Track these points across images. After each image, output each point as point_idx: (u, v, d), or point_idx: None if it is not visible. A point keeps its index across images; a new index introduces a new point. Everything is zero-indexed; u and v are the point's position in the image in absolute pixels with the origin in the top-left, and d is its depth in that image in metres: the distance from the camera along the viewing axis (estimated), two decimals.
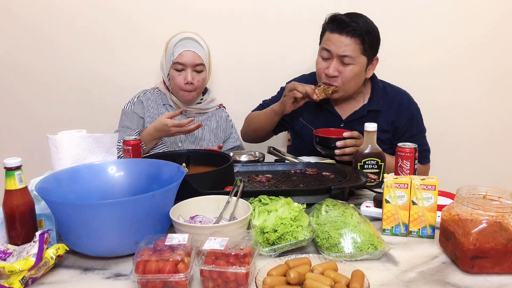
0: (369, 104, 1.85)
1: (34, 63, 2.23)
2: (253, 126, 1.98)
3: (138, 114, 1.95)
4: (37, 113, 2.29)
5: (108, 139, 1.37)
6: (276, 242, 1.09)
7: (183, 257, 0.94)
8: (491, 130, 2.34)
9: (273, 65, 2.26)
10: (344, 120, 1.87)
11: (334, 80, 1.76)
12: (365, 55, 1.74)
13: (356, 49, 1.71)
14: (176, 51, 1.88)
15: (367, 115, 1.83)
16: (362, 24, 1.71)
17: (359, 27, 1.70)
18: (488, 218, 1.02)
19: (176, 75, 1.90)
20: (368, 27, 1.72)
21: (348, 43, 1.71)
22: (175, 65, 1.89)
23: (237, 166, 1.66)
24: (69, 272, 1.06)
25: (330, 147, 1.64)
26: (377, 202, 1.32)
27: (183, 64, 1.88)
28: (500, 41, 2.25)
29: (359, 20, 1.71)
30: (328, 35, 1.75)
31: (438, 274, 1.03)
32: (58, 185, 1.17)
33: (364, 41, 1.71)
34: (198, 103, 2.02)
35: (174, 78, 1.91)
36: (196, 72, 1.91)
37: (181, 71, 1.89)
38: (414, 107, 1.89)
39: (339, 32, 1.71)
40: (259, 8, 2.21)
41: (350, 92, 1.81)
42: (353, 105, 1.88)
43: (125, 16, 2.19)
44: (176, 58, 1.87)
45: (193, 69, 1.90)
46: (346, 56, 1.71)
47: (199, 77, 1.92)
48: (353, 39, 1.70)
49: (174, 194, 1.18)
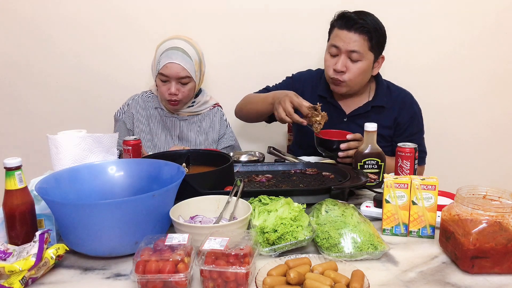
0: (373, 101, 1.88)
1: (34, 63, 2.23)
2: (249, 106, 1.95)
3: (126, 126, 1.93)
4: (37, 113, 2.28)
5: (108, 139, 1.37)
6: (276, 242, 1.09)
7: (183, 257, 0.94)
8: (491, 130, 2.34)
9: (271, 63, 2.25)
10: (348, 114, 1.89)
11: (341, 75, 1.78)
12: (372, 52, 1.77)
13: (364, 45, 1.74)
14: (162, 61, 1.82)
15: (371, 111, 1.86)
16: (370, 21, 1.74)
17: (367, 24, 1.73)
18: (488, 218, 1.02)
19: (161, 85, 1.86)
20: (375, 25, 1.75)
21: (356, 39, 1.73)
22: (160, 75, 1.84)
23: (237, 166, 1.66)
24: (69, 272, 1.06)
25: (332, 149, 1.64)
26: (377, 202, 1.32)
27: (167, 76, 1.82)
28: (500, 41, 2.25)
29: (367, 17, 1.75)
30: (337, 31, 1.77)
31: (438, 274, 1.03)
32: (58, 185, 1.17)
33: (371, 38, 1.74)
34: (189, 106, 1.98)
35: (159, 87, 1.87)
36: (181, 84, 1.85)
37: (166, 82, 1.85)
38: (416, 106, 1.93)
39: (348, 29, 1.74)
40: (258, 3, 2.20)
41: (356, 88, 1.84)
42: (357, 101, 1.90)
43: (125, 15, 2.19)
44: (161, 68, 1.82)
45: (178, 81, 1.84)
46: (354, 51, 1.74)
47: (184, 89, 1.86)
48: (361, 35, 1.73)
49: (174, 194, 1.18)
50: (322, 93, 1.92)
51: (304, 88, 1.96)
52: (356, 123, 1.84)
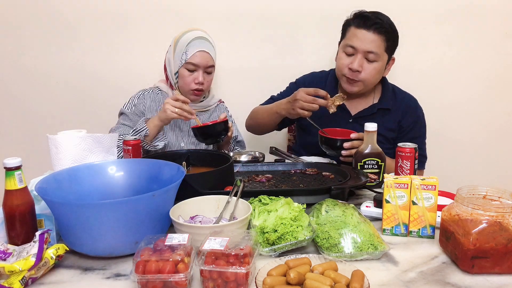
0: (379, 103, 1.88)
1: (34, 63, 2.23)
2: (257, 120, 1.99)
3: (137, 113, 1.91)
4: (37, 113, 2.28)
5: (108, 139, 1.37)
6: (276, 242, 1.09)
7: (183, 257, 0.94)
8: (492, 130, 2.34)
9: (275, 63, 2.26)
10: (353, 116, 1.89)
11: (356, 75, 1.77)
12: (387, 53, 1.78)
13: (381, 46, 1.74)
14: (190, 50, 1.83)
15: (377, 113, 1.86)
16: (386, 21, 1.74)
17: (384, 24, 1.73)
18: (488, 218, 1.02)
19: (187, 75, 1.86)
20: (392, 25, 1.76)
21: (374, 39, 1.73)
22: (187, 64, 1.84)
23: (237, 166, 1.66)
24: (69, 272, 1.06)
25: (336, 147, 1.64)
26: (377, 202, 1.32)
27: (196, 65, 1.84)
28: (500, 42, 2.25)
29: (383, 17, 1.75)
30: (354, 30, 1.76)
31: (438, 274, 1.03)
32: (58, 185, 1.17)
33: (388, 39, 1.75)
34: (200, 101, 2.00)
35: (184, 77, 1.87)
36: (207, 73, 1.89)
37: (193, 71, 1.86)
38: (420, 111, 1.94)
39: (366, 28, 1.73)
40: (262, 6, 2.20)
41: (368, 88, 1.85)
42: (363, 103, 1.91)
43: (125, 16, 2.19)
44: (190, 58, 1.83)
45: (205, 70, 1.87)
46: (372, 52, 1.73)
47: (209, 78, 1.91)
48: (379, 35, 1.73)
49: (174, 194, 1.18)
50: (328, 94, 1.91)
51: None
52: (361, 124, 1.81)
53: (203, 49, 1.84)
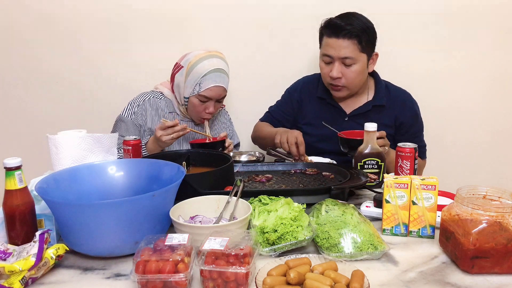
0: (373, 100, 1.89)
1: (34, 63, 2.23)
2: (260, 141, 2.04)
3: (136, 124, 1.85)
4: (37, 113, 2.28)
5: (108, 139, 1.37)
6: (276, 242, 1.09)
7: (183, 257, 0.94)
8: (491, 131, 2.34)
9: (274, 64, 2.26)
10: (349, 114, 1.90)
11: (339, 81, 1.80)
12: (364, 53, 1.78)
13: (355, 49, 1.75)
14: (205, 83, 1.75)
15: (372, 110, 1.88)
16: (356, 24, 1.74)
17: (354, 28, 1.73)
18: (488, 218, 1.02)
19: (198, 104, 1.80)
20: (362, 25, 1.75)
21: (346, 45, 1.74)
22: (200, 96, 1.78)
23: (237, 166, 1.66)
24: (69, 272, 1.06)
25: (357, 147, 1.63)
26: (377, 202, 1.32)
27: (209, 98, 1.79)
28: (500, 42, 2.24)
29: (353, 21, 1.75)
30: (327, 39, 1.79)
31: (438, 274, 1.03)
32: (58, 185, 1.17)
33: (361, 40, 1.75)
34: None
35: (195, 106, 1.81)
36: (218, 102, 1.84)
37: (205, 102, 1.81)
38: (416, 106, 1.94)
39: (336, 36, 1.75)
40: (260, 7, 2.20)
41: (356, 89, 1.87)
42: (357, 101, 1.92)
43: (126, 16, 2.19)
44: (203, 91, 1.76)
45: (217, 100, 1.83)
46: (347, 57, 1.75)
47: (219, 105, 1.87)
48: (350, 40, 1.74)
49: (174, 194, 1.18)
50: (321, 95, 1.93)
51: (302, 96, 1.99)
52: (357, 122, 1.85)
53: (218, 84, 1.77)
